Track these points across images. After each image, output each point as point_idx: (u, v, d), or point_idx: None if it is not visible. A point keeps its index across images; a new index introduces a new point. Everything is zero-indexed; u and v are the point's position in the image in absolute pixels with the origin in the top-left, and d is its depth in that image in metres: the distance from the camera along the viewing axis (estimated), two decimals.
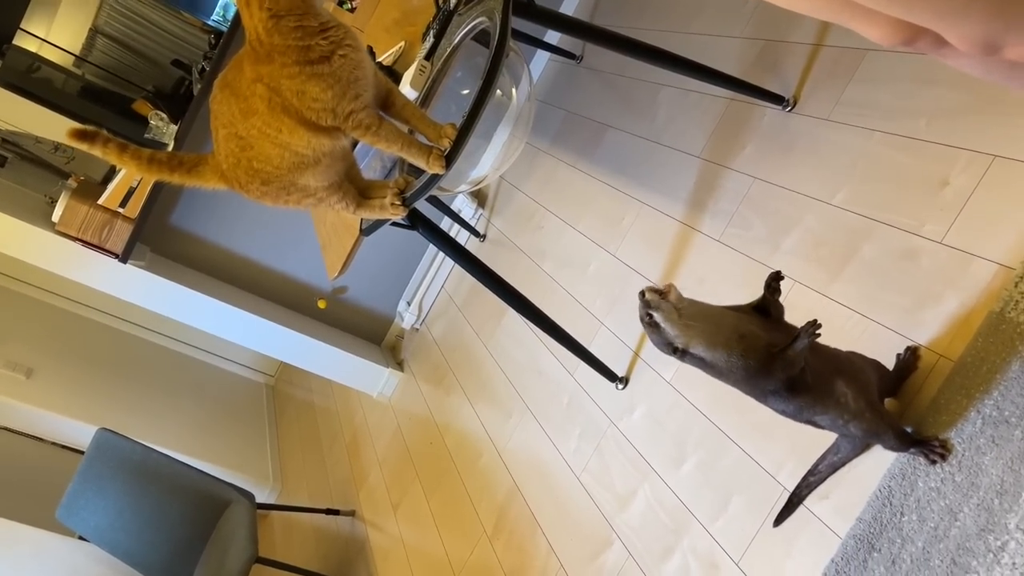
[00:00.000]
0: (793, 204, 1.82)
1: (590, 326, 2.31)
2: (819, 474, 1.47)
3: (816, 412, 1.26)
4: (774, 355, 1.21)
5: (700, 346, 1.22)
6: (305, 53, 1.20)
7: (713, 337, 1.21)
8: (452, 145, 1.37)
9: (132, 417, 4.03)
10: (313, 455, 3.88)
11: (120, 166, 1.41)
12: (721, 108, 2.20)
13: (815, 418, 1.28)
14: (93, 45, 5.33)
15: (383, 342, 3.66)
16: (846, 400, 1.26)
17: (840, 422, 1.27)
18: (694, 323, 1.22)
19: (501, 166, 1.66)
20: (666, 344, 1.25)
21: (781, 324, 1.29)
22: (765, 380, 1.23)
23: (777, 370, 1.21)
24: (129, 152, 1.37)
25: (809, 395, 1.25)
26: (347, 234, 1.85)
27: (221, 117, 1.31)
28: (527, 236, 2.90)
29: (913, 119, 1.62)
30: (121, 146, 1.36)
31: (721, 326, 1.23)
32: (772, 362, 1.21)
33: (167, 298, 3.09)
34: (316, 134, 1.30)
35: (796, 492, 1.50)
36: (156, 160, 1.39)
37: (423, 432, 2.97)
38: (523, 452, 2.35)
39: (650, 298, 1.23)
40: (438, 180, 1.40)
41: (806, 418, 1.29)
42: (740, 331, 1.23)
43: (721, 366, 1.24)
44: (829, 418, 1.27)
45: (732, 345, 1.22)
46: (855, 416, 1.27)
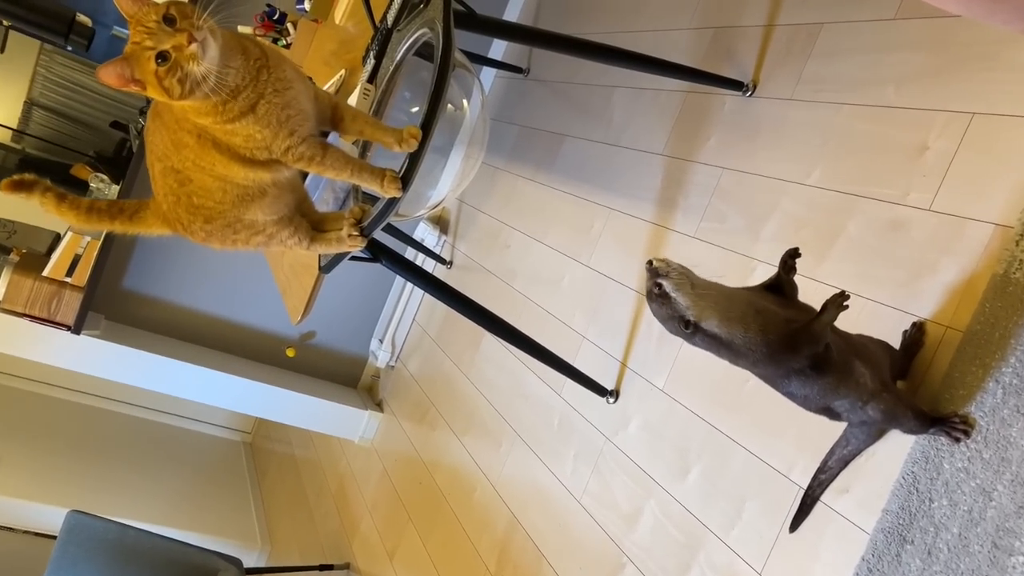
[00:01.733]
0: (767, 190, 1.75)
1: (572, 341, 2.21)
2: (830, 470, 1.38)
3: (837, 395, 1.18)
4: (798, 330, 1.12)
5: (714, 320, 1.11)
6: (225, 114, 1.10)
7: (728, 311, 1.11)
8: (409, 163, 1.27)
9: (106, 495, 3.85)
10: (300, 510, 3.73)
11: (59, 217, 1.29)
12: (678, 102, 2.14)
13: (834, 403, 1.20)
14: (30, 118, 5.19)
15: (359, 384, 3.53)
16: (865, 381, 1.18)
17: (859, 405, 1.19)
18: (707, 293, 1.12)
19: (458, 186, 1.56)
20: (677, 319, 1.13)
21: (796, 303, 1.20)
22: (789, 357, 1.14)
23: (802, 345, 1.12)
24: (68, 202, 1.26)
25: (833, 374, 1.16)
26: (306, 274, 1.74)
27: (155, 149, 1.21)
28: (495, 257, 2.81)
29: (880, 87, 1.56)
30: (59, 196, 1.26)
31: (735, 300, 1.14)
32: (796, 337, 1.12)
33: (127, 366, 2.95)
34: (253, 168, 1.20)
35: (809, 492, 1.41)
36: (96, 209, 1.28)
37: (411, 472, 2.85)
38: (518, 481, 2.24)
39: (659, 265, 1.12)
40: (396, 205, 1.30)
41: (825, 403, 1.20)
42: (756, 306, 1.14)
43: (738, 344, 1.13)
44: (848, 402, 1.19)
45: (749, 320, 1.12)
46: (873, 397, 1.19)
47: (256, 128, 1.14)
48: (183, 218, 1.25)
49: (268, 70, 1.13)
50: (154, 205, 1.28)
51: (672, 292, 1.12)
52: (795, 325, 1.11)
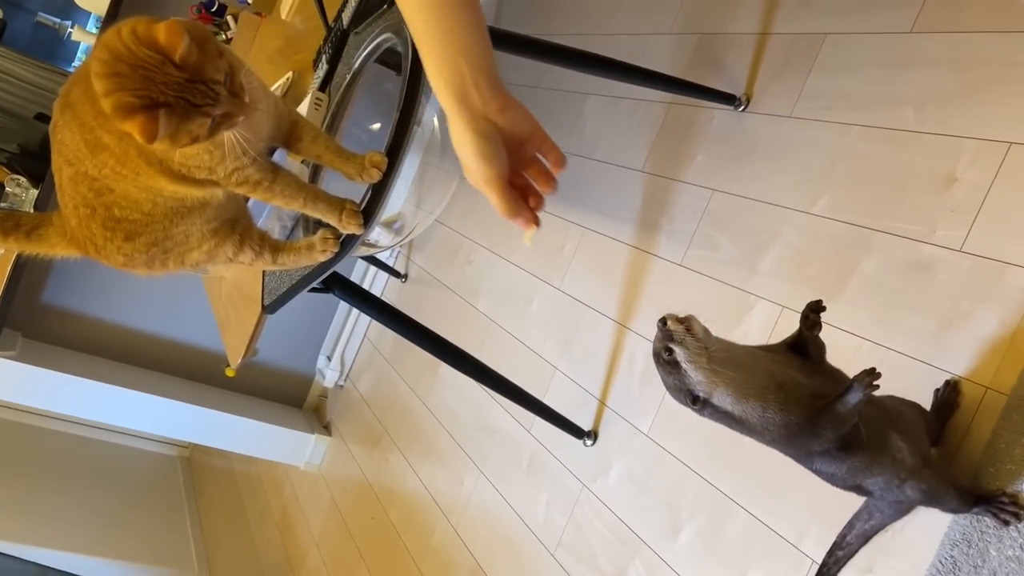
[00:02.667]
0: (765, 217, 1.58)
1: (543, 373, 2.03)
2: (849, 546, 1.22)
3: (871, 473, 1.02)
4: (821, 410, 0.95)
5: (728, 396, 0.96)
6: None
7: (745, 387, 0.95)
8: (372, 195, 1.07)
9: (25, 520, 3.53)
10: (241, 536, 3.48)
11: None
12: (660, 114, 1.96)
13: (865, 482, 1.04)
14: None
15: (304, 404, 3.30)
16: (902, 456, 1.02)
17: (895, 483, 1.04)
18: (724, 369, 0.95)
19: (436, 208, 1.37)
20: (684, 391, 0.98)
21: (823, 367, 1.04)
22: (811, 440, 0.98)
23: (826, 428, 0.96)
24: None
25: (865, 454, 1.00)
26: (247, 308, 1.52)
27: (64, 151, 0.96)
28: (455, 273, 2.60)
29: (897, 108, 1.40)
30: None
31: (755, 372, 0.97)
32: (819, 418, 0.96)
33: (48, 390, 2.67)
34: (184, 185, 0.98)
35: (823, 570, 1.24)
36: None
37: (363, 504, 2.64)
38: (482, 525, 2.05)
39: (674, 329, 0.95)
40: (356, 242, 1.10)
41: (855, 482, 1.05)
42: (778, 379, 0.97)
43: (753, 422, 0.97)
44: (883, 480, 1.03)
45: (768, 397, 0.96)
46: (912, 475, 1.03)
47: (204, 148, 0.93)
48: (96, 236, 1.01)
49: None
50: (59, 220, 1.03)
51: (684, 363, 0.95)
52: (820, 404, 0.94)
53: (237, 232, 1.10)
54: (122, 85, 0.80)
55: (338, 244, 1.12)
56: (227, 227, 1.08)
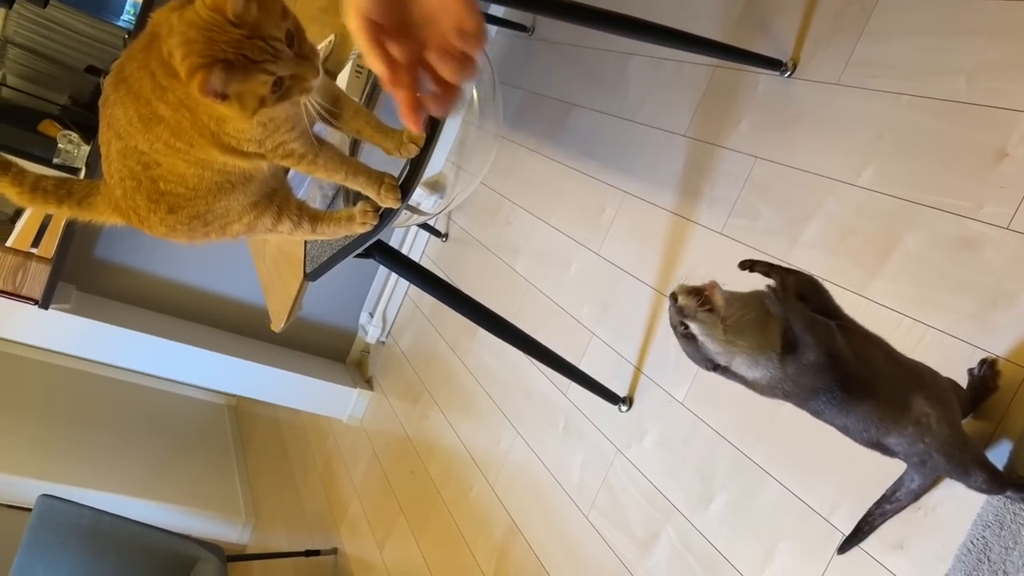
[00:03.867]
0: (808, 187, 1.56)
1: (580, 338, 2.04)
2: (898, 502, 1.22)
3: (887, 430, 1.02)
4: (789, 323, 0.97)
5: (744, 358, 0.97)
6: None
7: (760, 345, 0.96)
8: (410, 170, 1.08)
9: (81, 464, 3.69)
10: (286, 484, 3.59)
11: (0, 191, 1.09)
12: (704, 77, 1.93)
13: (886, 439, 1.03)
14: (4, 56, 4.90)
15: (347, 359, 3.36)
16: (928, 422, 1.01)
17: (921, 446, 1.03)
18: (739, 338, 0.96)
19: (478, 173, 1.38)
20: (703, 359, 1.00)
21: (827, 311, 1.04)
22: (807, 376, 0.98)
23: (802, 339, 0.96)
24: (11, 174, 1.04)
25: (874, 404, 0.99)
26: (290, 273, 1.55)
27: (115, 124, 0.99)
28: (494, 233, 2.61)
29: (949, 78, 1.36)
30: (3, 164, 1.04)
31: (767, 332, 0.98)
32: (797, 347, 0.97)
33: (100, 342, 2.76)
34: (234, 157, 1.00)
35: (867, 519, 1.25)
36: (41, 188, 1.06)
37: (403, 458, 2.70)
38: (518, 485, 2.09)
39: (685, 304, 0.96)
40: (395, 215, 1.12)
41: (873, 437, 1.04)
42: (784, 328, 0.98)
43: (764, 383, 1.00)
44: (906, 440, 1.03)
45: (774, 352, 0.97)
46: (939, 443, 1.03)
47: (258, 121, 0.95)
48: (140, 207, 1.04)
49: None
50: (106, 190, 1.07)
51: (700, 336, 0.97)
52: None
53: (275, 203, 1.12)
54: (191, 50, 0.83)
55: (377, 216, 1.14)
56: (266, 199, 1.11)
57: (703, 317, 0.95)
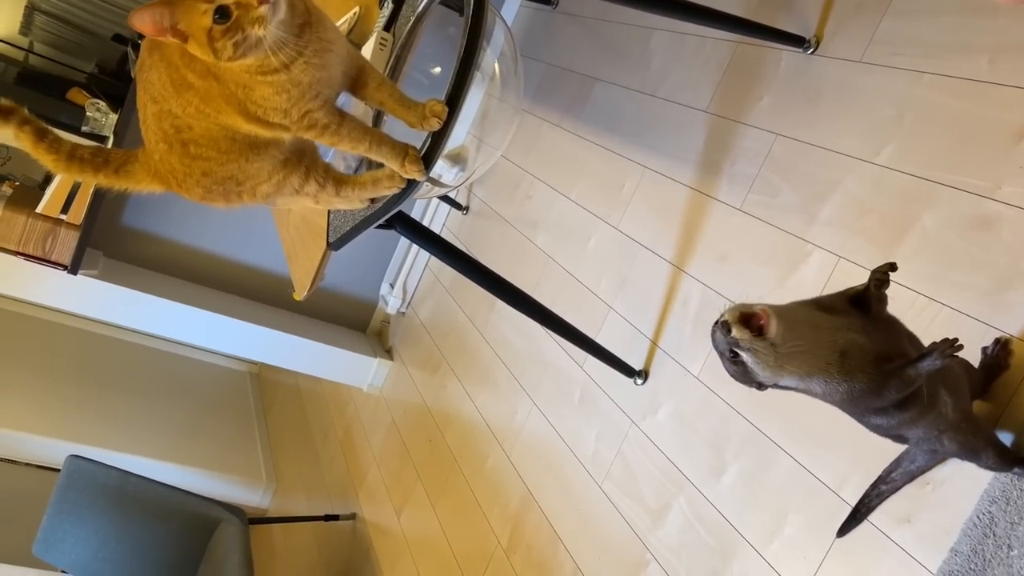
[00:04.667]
0: (828, 164, 1.57)
1: (597, 311, 2.06)
2: (893, 482, 1.25)
3: (915, 426, 1.04)
4: (890, 373, 0.97)
5: (793, 380, 0.97)
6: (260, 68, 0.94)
7: (810, 368, 0.96)
8: (432, 143, 1.10)
9: (108, 427, 3.78)
10: (306, 450, 3.66)
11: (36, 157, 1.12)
12: (727, 53, 1.93)
13: (908, 432, 1.06)
14: (32, 23, 4.94)
15: (368, 329, 3.41)
16: (946, 411, 1.04)
17: (934, 434, 1.06)
18: (790, 363, 0.94)
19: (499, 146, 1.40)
20: (750, 381, 0.98)
21: (883, 321, 1.04)
22: (873, 400, 1.00)
23: (892, 390, 0.98)
24: (48, 141, 1.08)
25: (916, 408, 1.02)
26: (313, 243, 1.59)
27: (150, 88, 1.03)
28: (514, 206, 2.63)
29: (971, 57, 1.36)
30: (39, 132, 1.08)
31: (819, 346, 0.97)
32: (887, 380, 0.97)
33: (127, 308, 2.82)
34: (260, 127, 1.04)
35: (864, 500, 1.28)
36: (78, 156, 1.10)
37: (421, 427, 2.75)
38: (534, 454, 2.12)
39: (740, 337, 0.91)
40: (415, 188, 1.14)
41: (898, 433, 1.07)
42: (840, 347, 0.97)
43: (817, 392, 0.99)
44: (923, 431, 1.05)
45: (832, 370, 0.96)
46: (951, 427, 1.05)
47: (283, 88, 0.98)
48: (177, 171, 1.08)
49: (311, 28, 0.96)
50: (143, 156, 1.11)
51: (751, 364, 0.93)
52: (887, 368, 0.95)
53: (304, 164, 1.15)
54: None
55: (404, 180, 1.16)
56: (295, 159, 1.14)
57: (757, 346, 0.91)
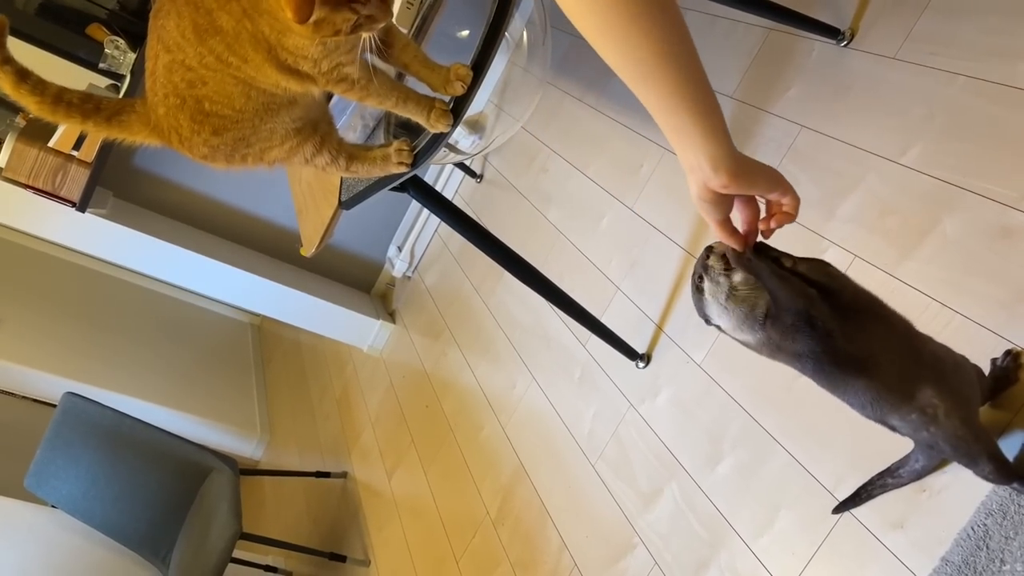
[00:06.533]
0: (851, 161, 1.54)
1: (604, 291, 2.05)
2: (899, 478, 1.23)
3: (886, 411, 1.03)
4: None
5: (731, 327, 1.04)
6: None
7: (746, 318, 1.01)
8: (456, 103, 1.08)
9: (107, 366, 3.79)
10: (302, 406, 3.67)
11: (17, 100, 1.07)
12: (758, 40, 1.89)
13: (887, 419, 1.05)
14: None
15: (372, 290, 3.40)
16: (935, 412, 1.02)
17: (925, 434, 1.04)
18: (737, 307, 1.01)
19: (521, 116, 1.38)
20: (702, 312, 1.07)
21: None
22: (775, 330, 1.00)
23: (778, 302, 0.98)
24: (30, 84, 1.02)
25: (866, 380, 1.00)
26: (324, 201, 1.57)
27: (166, 37, 0.98)
28: (529, 179, 2.61)
29: (1010, 62, 1.33)
30: (20, 74, 1.02)
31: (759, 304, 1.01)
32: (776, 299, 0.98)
33: (133, 250, 2.81)
34: (287, 76, 1.00)
35: (866, 488, 1.27)
36: (64, 100, 1.03)
37: (418, 393, 2.75)
38: (529, 429, 2.12)
39: (712, 264, 1.01)
40: (444, 139, 1.12)
41: (872, 415, 1.05)
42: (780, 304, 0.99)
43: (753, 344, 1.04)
44: (909, 425, 1.04)
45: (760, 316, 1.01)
46: (946, 434, 1.04)
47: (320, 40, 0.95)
48: (183, 127, 1.04)
49: None
50: (142, 108, 1.06)
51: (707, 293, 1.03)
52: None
53: (319, 134, 1.13)
54: None
55: (412, 157, 1.14)
56: (310, 127, 1.11)
57: (718, 279, 1.01)
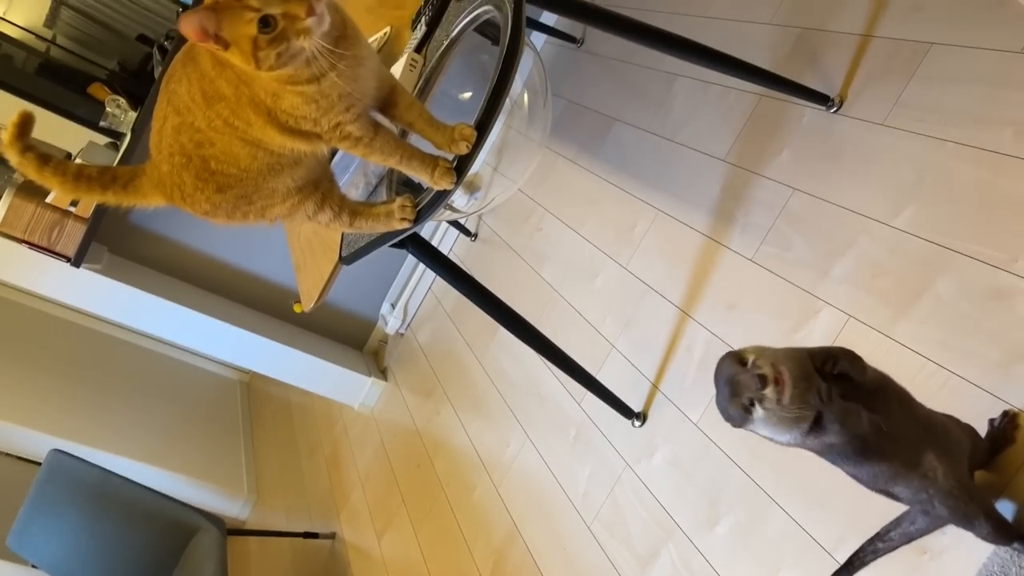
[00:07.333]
0: (843, 223, 1.57)
1: (599, 349, 2.05)
2: (890, 541, 1.23)
3: (895, 481, 1.04)
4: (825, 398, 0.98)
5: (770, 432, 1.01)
6: (291, 78, 0.94)
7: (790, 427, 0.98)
8: (460, 161, 1.10)
9: (92, 423, 3.74)
10: (291, 465, 3.62)
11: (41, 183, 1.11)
12: (750, 105, 1.94)
13: (894, 489, 1.06)
14: (57, 16, 4.98)
15: (364, 347, 3.39)
16: (935, 475, 1.03)
17: (923, 496, 1.05)
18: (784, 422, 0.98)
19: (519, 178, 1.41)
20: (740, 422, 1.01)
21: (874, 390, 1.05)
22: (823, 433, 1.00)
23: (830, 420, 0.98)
24: (51, 167, 1.07)
25: (888, 465, 1.02)
26: (324, 256, 1.58)
27: (176, 100, 1.02)
28: (523, 237, 2.63)
29: (995, 129, 1.37)
30: (42, 159, 1.07)
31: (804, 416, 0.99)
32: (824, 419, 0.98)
33: (126, 304, 2.80)
34: (291, 138, 1.03)
35: (859, 554, 1.26)
36: (85, 176, 1.09)
37: (410, 452, 2.72)
38: (523, 489, 2.10)
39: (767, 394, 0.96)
40: (447, 196, 1.14)
41: (882, 487, 1.06)
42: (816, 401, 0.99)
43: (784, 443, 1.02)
44: (910, 491, 1.05)
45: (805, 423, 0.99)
46: (943, 495, 1.04)
47: (311, 98, 0.98)
48: (186, 184, 1.07)
49: (345, 41, 0.96)
50: (151, 170, 1.10)
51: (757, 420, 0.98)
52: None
53: (320, 191, 1.15)
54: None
55: (415, 213, 1.16)
56: (311, 186, 1.13)
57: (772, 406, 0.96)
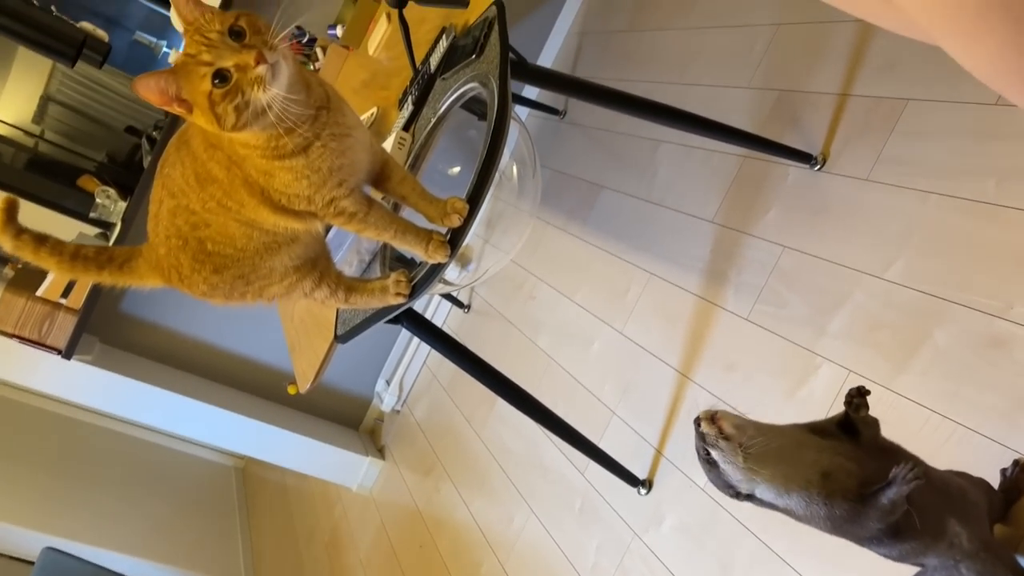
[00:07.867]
0: (836, 278, 1.57)
1: (600, 416, 2.03)
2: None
3: (925, 556, 1.02)
4: (865, 500, 0.95)
5: (770, 492, 0.97)
6: (272, 149, 0.95)
7: (787, 480, 0.95)
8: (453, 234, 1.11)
9: (86, 519, 3.65)
10: (289, 552, 3.53)
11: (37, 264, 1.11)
12: (734, 167, 1.97)
13: (922, 561, 1.04)
14: (45, 113, 5.05)
15: (360, 426, 3.35)
16: (960, 541, 1.01)
17: (950, 563, 1.03)
18: (761, 467, 0.96)
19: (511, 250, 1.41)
20: (725, 486, 1.00)
21: (877, 446, 1.03)
22: (856, 528, 0.98)
23: (871, 519, 0.96)
24: (48, 246, 1.07)
25: (918, 540, 0.99)
26: (318, 335, 1.57)
27: (170, 183, 1.02)
28: (517, 307, 2.63)
29: (979, 179, 1.39)
30: (38, 240, 1.07)
31: (799, 463, 0.97)
32: (864, 509, 0.95)
33: (118, 395, 2.77)
34: (285, 217, 1.03)
35: None
36: (82, 256, 1.09)
37: (411, 531, 2.66)
38: (531, 564, 2.05)
39: (707, 431, 0.98)
40: (442, 270, 1.14)
41: (911, 562, 1.04)
42: (823, 467, 0.97)
43: (799, 513, 0.98)
44: (938, 560, 1.03)
45: (812, 488, 0.96)
46: (968, 557, 1.02)
47: (302, 173, 0.98)
48: (183, 266, 1.07)
49: (328, 112, 0.97)
50: (147, 251, 1.10)
51: (722, 463, 0.97)
52: (866, 491, 0.94)
53: (317, 270, 1.15)
54: None
55: (410, 287, 1.16)
56: (308, 264, 1.13)
57: (723, 445, 0.96)
